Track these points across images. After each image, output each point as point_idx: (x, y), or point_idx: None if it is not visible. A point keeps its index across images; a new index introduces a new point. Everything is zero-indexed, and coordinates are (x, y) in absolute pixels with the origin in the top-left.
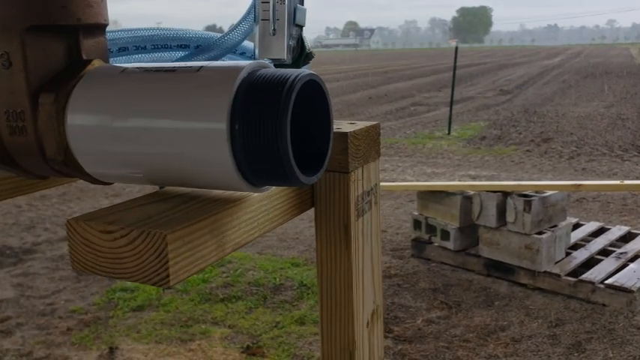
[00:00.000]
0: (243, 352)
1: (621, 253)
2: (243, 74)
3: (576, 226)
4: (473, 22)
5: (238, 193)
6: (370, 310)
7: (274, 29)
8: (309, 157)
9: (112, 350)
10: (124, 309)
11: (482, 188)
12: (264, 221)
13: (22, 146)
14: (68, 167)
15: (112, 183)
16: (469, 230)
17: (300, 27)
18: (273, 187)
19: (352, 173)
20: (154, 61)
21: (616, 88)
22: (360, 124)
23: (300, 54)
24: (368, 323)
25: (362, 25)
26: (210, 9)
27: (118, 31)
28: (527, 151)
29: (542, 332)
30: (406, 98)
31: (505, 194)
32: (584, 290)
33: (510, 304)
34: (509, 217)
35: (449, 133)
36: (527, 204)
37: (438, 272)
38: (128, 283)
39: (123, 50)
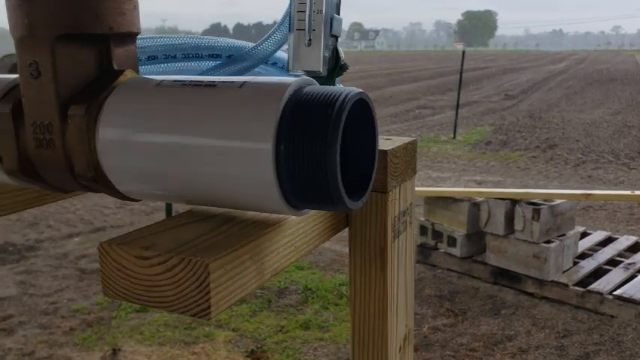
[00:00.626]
0: (247, 357)
1: (629, 264)
2: (289, 92)
3: (583, 235)
4: (478, 26)
5: (275, 216)
6: (403, 334)
7: (310, 40)
8: (351, 178)
9: (114, 352)
10: (127, 309)
11: (491, 195)
12: (301, 244)
13: (49, 160)
14: (97, 184)
15: (141, 200)
16: (476, 237)
17: (336, 37)
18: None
19: (390, 193)
20: (183, 71)
21: (622, 95)
22: (398, 141)
23: (335, 65)
24: (400, 348)
25: (367, 26)
26: (212, 9)
27: (147, 38)
28: (533, 157)
29: (549, 343)
30: (411, 101)
31: (514, 202)
32: (593, 301)
33: (517, 313)
34: (518, 225)
35: (454, 137)
36: (536, 212)
37: (444, 279)
38: None
39: (152, 59)
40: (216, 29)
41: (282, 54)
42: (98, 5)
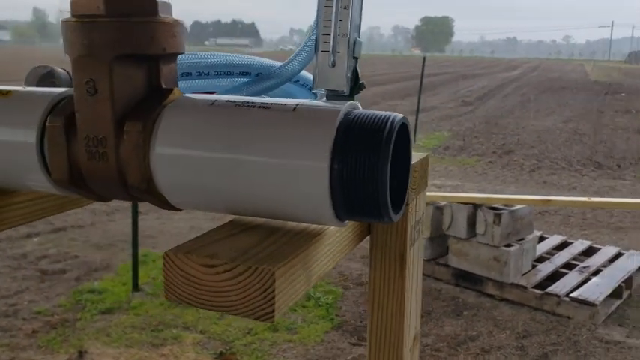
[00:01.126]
0: (216, 358)
1: (584, 267)
2: (341, 116)
3: (541, 239)
4: (435, 32)
5: (314, 226)
6: (414, 334)
7: (334, 61)
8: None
9: (81, 354)
10: (92, 311)
11: (454, 200)
12: (336, 252)
13: (101, 172)
14: (149, 195)
15: (183, 210)
16: (439, 240)
17: (356, 59)
18: None
19: (410, 204)
20: (215, 87)
21: (572, 104)
22: (415, 157)
23: (355, 84)
24: (411, 347)
25: None
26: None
27: (182, 55)
28: (490, 162)
29: (510, 343)
30: (372, 105)
31: (475, 206)
32: (550, 302)
33: (479, 314)
34: (479, 228)
35: (414, 142)
36: (497, 217)
37: None
38: (95, 284)
39: (186, 75)
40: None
41: (306, 73)
42: (153, 28)
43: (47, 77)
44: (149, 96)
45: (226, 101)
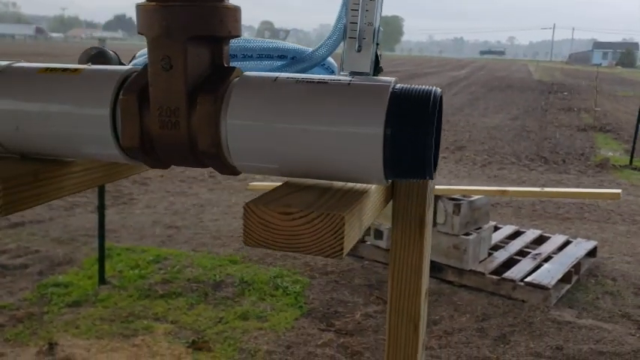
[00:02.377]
0: (189, 347)
1: (536, 254)
2: (391, 89)
3: (495, 228)
4: (385, 31)
5: (358, 186)
6: (426, 288)
7: (360, 46)
8: None
9: (51, 346)
10: (58, 304)
11: None
12: (375, 209)
13: (172, 139)
14: (216, 159)
15: (241, 173)
16: None
17: (378, 45)
18: None
19: None
20: (256, 68)
21: (519, 102)
22: None
23: (375, 67)
24: (424, 299)
25: (277, 25)
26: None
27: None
28: (444, 157)
29: (470, 326)
30: None
31: (436, 197)
32: (506, 287)
33: (440, 299)
34: (440, 218)
35: None
36: (457, 207)
37: (371, 269)
38: (60, 278)
39: (232, 56)
40: (121, 20)
41: (329, 58)
42: (223, 13)
43: (98, 57)
44: (214, 73)
45: (287, 78)
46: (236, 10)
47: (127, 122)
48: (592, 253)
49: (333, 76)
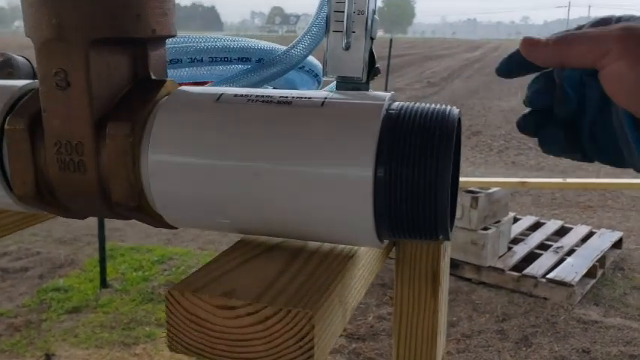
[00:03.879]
0: (192, 356)
1: (558, 247)
2: (383, 110)
3: (514, 220)
4: (397, 13)
5: (342, 246)
6: (442, 355)
7: (348, 42)
8: None
9: (48, 357)
10: (58, 311)
11: None
12: (367, 275)
13: (77, 186)
14: (139, 213)
15: (178, 228)
16: None
17: (372, 39)
18: None
19: None
20: (209, 75)
21: None
22: None
23: (370, 70)
24: None
25: (288, 10)
26: None
27: (170, 39)
28: None
29: (490, 327)
30: None
31: None
32: (527, 284)
33: (457, 298)
34: (457, 213)
35: None
36: (475, 200)
37: (385, 267)
38: (61, 282)
39: (175, 62)
40: None
41: (312, 59)
42: (140, 4)
43: (3, 67)
44: (136, 90)
45: (235, 95)
46: (164, 0)
47: (16, 162)
48: (617, 244)
49: (299, 92)
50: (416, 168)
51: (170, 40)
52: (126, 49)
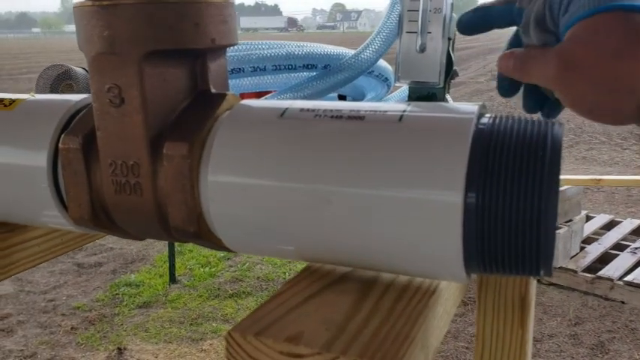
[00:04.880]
0: None
1: (636, 248)
2: (473, 125)
3: (587, 218)
4: (458, 5)
5: (421, 279)
6: None
7: (423, 44)
8: None
9: (120, 351)
10: (129, 306)
11: None
12: (450, 309)
13: (133, 208)
14: (198, 239)
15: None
16: None
17: (449, 40)
18: None
19: None
20: (273, 84)
21: None
22: None
23: (447, 73)
24: None
25: (349, 6)
26: None
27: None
28: None
29: (562, 331)
30: None
31: None
32: (602, 287)
33: None
34: None
35: None
36: None
37: None
38: (132, 277)
39: (237, 72)
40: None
41: (383, 63)
42: (198, 12)
43: (62, 79)
44: (194, 105)
45: (301, 110)
46: (223, 6)
47: (71, 183)
48: None
49: (372, 105)
50: (516, 194)
51: (231, 48)
52: (183, 61)
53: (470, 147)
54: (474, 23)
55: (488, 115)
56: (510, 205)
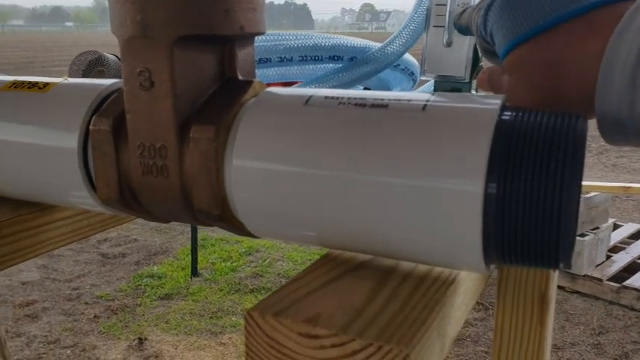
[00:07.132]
0: None
1: None
2: (495, 116)
3: (614, 227)
4: None
5: (441, 269)
6: None
7: (450, 38)
8: None
9: (141, 341)
10: (151, 297)
11: None
12: (469, 300)
13: (159, 190)
14: (221, 222)
15: (262, 238)
16: None
17: None
18: None
19: None
20: (299, 75)
21: None
22: None
23: (473, 68)
24: None
25: (378, 7)
26: None
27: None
28: None
29: (585, 340)
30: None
31: None
32: (628, 297)
33: None
34: None
35: None
36: None
37: None
38: (155, 269)
39: (264, 62)
40: None
41: (409, 57)
42: (228, 0)
43: (94, 65)
44: (221, 91)
45: (325, 98)
46: None
47: (100, 164)
48: None
49: (396, 94)
50: (536, 184)
51: (259, 37)
52: (212, 48)
53: (492, 137)
54: (461, 30)
55: (511, 107)
56: (531, 196)
